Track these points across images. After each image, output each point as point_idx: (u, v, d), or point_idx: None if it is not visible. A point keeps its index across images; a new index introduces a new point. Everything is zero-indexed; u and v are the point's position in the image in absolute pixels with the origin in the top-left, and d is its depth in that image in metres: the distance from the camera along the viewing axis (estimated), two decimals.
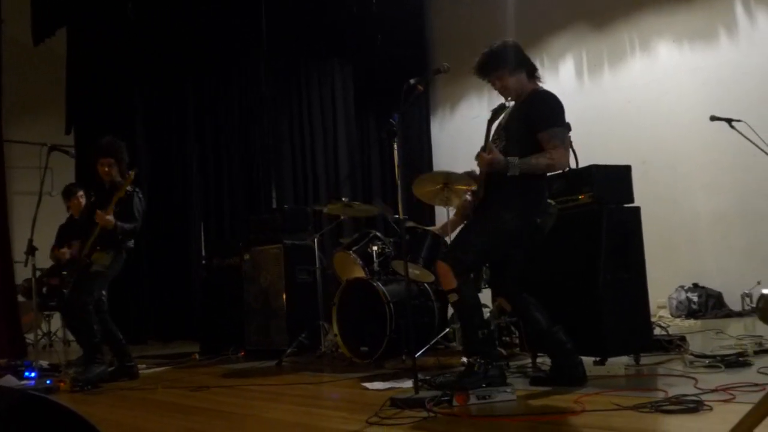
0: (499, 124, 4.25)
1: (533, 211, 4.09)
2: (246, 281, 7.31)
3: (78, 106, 9.96)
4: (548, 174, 4.26)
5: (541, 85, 4.28)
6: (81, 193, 7.38)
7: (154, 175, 10.25)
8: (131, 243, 5.86)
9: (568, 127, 4.14)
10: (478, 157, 4.05)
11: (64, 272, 6.08)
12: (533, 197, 4.10)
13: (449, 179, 5.18)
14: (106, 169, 5.80)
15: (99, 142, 5.90)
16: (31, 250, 6.06)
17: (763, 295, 0.81)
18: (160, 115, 10.44)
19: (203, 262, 8.73)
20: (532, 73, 4.25)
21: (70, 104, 10.04)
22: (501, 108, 4.23)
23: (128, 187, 5.59)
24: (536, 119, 4.05)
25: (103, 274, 5.70)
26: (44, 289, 9.91)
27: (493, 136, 4.21)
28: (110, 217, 5.48)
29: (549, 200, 4.24)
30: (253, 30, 10.49)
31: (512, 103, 4.30)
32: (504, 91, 4.26)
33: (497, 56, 4.19)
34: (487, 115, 4.23)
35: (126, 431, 3.57)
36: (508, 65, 4.17)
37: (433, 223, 9.47)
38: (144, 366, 6.54)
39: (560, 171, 4.41)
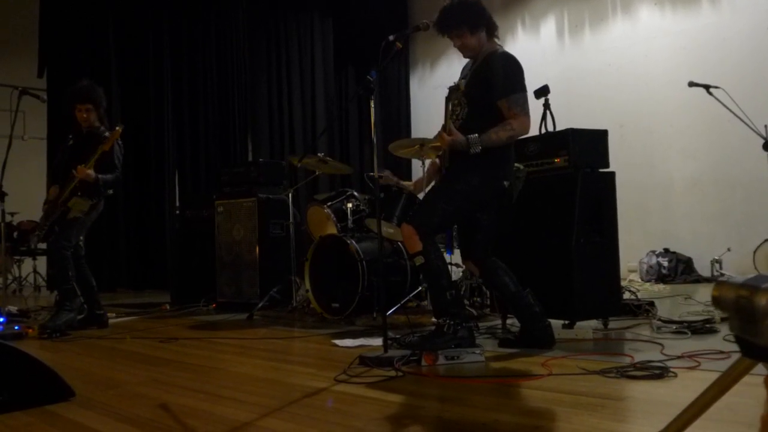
0: (459, 90, 4.17)
1: (500, 175, 4.02)
2: (219, 233, 7.27)
3: (51, 49, 9.75)
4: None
5: (498, 43, 4.22)
6: None
7: (128, 124, 10.07)
8: (110, 191, 5.81)
9: (545, 91, 4.09)
10: (439, 137, 3.98)
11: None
12: (500, 161, 4.02)
13: (424, 142, 5.21)
14: (85, 115, 5.71)
15: (76, 87, 5.78)
16: (1, 195, 5.97)
17: (719, 283, 0.79)
18: (135, 63, 10.27)
19: (177, 212, 8.67)
20: (492, 31, 4.16)
21: (42, 47, 9.83)
22: (458, 87, 4.18)
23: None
24: (495, 86, 3.95)
25: (80, 221, 5.65)
26: (15, 234, 9.84)
27: (454, 102, 4.15)
28: (90, 172, 5.45)
29: (517, 164, 4.19)
30: None
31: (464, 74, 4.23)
32: (463, 50, 4.16)
33: (459, 12, 4.05)
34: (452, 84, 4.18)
35: (91, 380, 3.54)
36: (469, 23, 4.05)
37: (409, 177, 9.44)
38: (114, 315, 6.51)
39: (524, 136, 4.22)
